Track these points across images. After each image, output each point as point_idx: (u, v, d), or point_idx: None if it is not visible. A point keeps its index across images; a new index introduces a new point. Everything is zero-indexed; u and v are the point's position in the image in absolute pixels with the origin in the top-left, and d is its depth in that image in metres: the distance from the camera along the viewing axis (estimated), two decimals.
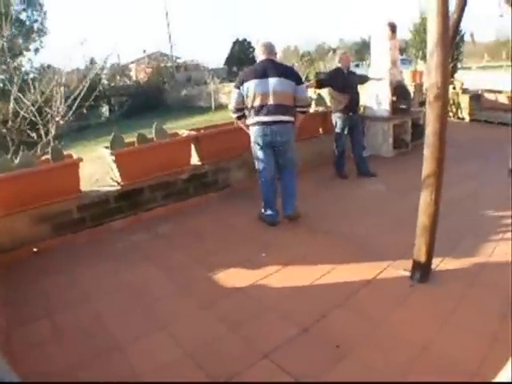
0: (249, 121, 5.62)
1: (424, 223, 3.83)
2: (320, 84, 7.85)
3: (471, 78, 18.17)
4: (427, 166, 3.74)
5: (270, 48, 5.60)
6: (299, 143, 7.52)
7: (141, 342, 3.35)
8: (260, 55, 5.67)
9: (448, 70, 3.57)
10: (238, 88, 5.52)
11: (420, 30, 21.40)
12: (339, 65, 7.65)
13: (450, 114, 14.60)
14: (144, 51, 43.80)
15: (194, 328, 3.50)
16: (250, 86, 5.38)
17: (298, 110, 5.64)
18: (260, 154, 5.58)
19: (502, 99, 12.57)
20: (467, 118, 14.19)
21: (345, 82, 7.49)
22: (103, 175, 6.51)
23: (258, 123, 5.45)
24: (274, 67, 5.46)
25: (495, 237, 4.88)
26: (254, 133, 5.54)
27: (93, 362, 3.13)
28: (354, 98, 7.59)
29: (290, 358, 3.00)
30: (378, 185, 7.10)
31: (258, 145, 5.54)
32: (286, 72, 5.51)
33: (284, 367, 2.90)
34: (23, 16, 36.38)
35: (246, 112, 5.64)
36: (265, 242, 5.13)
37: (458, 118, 14.46)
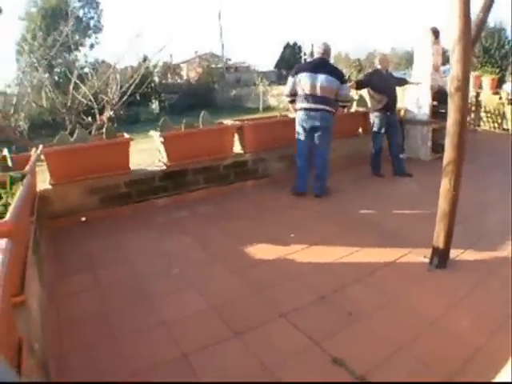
0: (297, 106, 6.62)
1: (443, 209, 4.04)
2: (359, 84, 8.11)
3: None
4: (448, 154, 3.98)
5: (325, 49, 6.59)
6: (340, 141, 7.82)
7: (171, 296, 3.74)
8: (316, 53, 6.72)
9: (469, 64, 3.79)
10: (293, 77, 6.60)
11: None
12: (378, 66, 7.92)
13: (496, 124, 14.52)
14: (196, 52, 44.61)
15: (221, 288, 3.87)
16: (303, 77, 6.46)
17: (340, 104, 6.73)
18: (301, 133, 6.63)
19: None
20: None
21: (383, 83, 7.73)
22: (149, 165, 6.93)
23: (303, 109, 6.51)
24: (324, 65, 6.53)
25: None
26: (299, 116, 6.60)
27: (124, 310, 3.54)
28: (392, 98, 7.80)
29: (304, 319, 3.30)
30: (412, 184, 7.29)
31: (302, 126, 6.58)
32: (334, 71, 6.55)
33: (297, 326, 3.21)
34: (80, 13, 37.84)
35: (297, 98, 6.63)
36: (296, 224, 5.48)
37: (503, 129, 14.32)
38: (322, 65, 6.51)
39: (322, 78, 6.38)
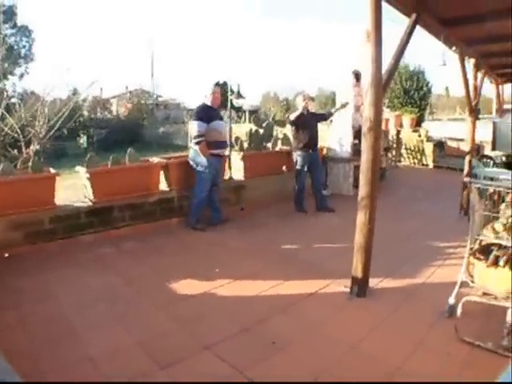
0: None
1: (360, 241, 4.32)
2: (293, 122, 8.28)
3: (439, 127, 19.15)
4: (362, 190, 4.25)
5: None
6: (265, 178, 8.13)
7: (98, 332, 3.73)
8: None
9: (380, 107, 4.15)
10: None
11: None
12: (300, 108, 8.22)
13: (416, 160, 15.38)
14: (126, 87, 44.30)
15: (147, 323, 3.90)
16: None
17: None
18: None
19: (463, 147, 13.31)
20: (431, 165, 14.96)
21: (305, 122, 8.07)
22: (76, 200, 6.85)
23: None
24: None
25: (436, 263, 5.46)
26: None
27: (50, 347, 3.49)
28: (314, 137, 8.17)
29: (228, 350, 3.40)
30: (334, 218, 7.64)
31: None
32: None
33: (222, 357, 3.30)
34: (12, 40, 36.76)
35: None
36: (220, 260, 5.60)
37: (423, 164, 15.21)
38: None
39: None
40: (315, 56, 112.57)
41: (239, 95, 8.72)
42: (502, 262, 3.85)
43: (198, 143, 6.73)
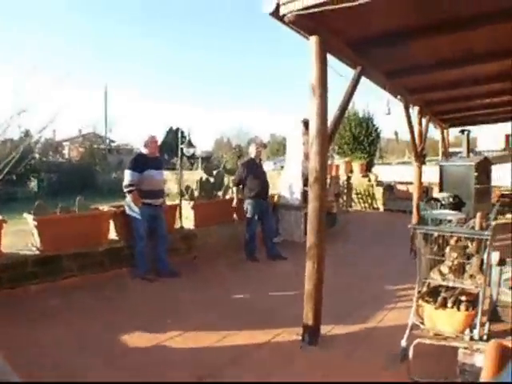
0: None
1: (309, 290, 4.37)
2: (239, 183, 8.42)
3: (389, 171, 19.70)
4: (309, 239, 4.34)
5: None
6: (216, 227, 8.12)
7: None
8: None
9: (326, 157, 4.29)
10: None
11: (341, 127, 23.08)
12: (252, 155, 8.44)
13: (367, 204, 15.73)
14: (79, 131, 43.90)
15: (95, 379, 3.76)
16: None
17: None
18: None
19: (412, 189, 13.70)
20: (381, 208, 15.34)
21: (255, 171, 8.22)
22: (23, 248, 6.66)
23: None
24: None
25: (388, 306, 5.56)
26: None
27: None
28: (264, 185, 8.31)
29: None
30: (286, 266, 7.66)
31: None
32: None
33: None
34: None
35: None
36: (172, 311, 5.49)
37: (374, 208, 15.58)
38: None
39: None
40: (269, 100, 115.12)
41: (190, 144, 8.82)
42: (449, 304, 3.96)
43: (129, 192, 6.72)
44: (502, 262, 3.86)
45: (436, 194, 10.78)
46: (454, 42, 5.47)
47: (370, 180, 16.13)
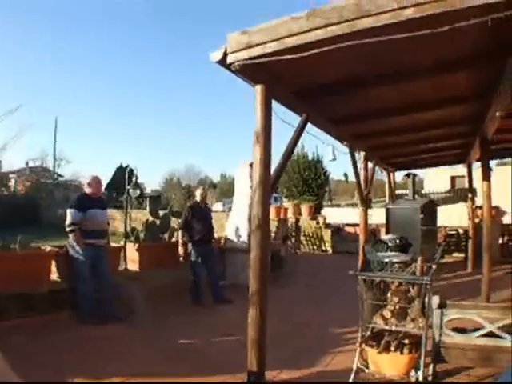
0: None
1: (253, 337, 4.35)
2: (184, 227, 8.37)
3: (338, 213, 20.01)
4: (252, 286, 4.34)
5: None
6: (160, 270, 8.06)
7: None
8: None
9: (268, 205, 4.43)
10: None
11: (289, 170, 23.50)
12: (198, 199, 8.47)
13: (315, 246, 15.88)
14: (27, 163, 42.86)
15: None
16: None
17: None
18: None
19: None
20: (330, 250, 15.51)
21: (200, 215, 8.24)
22: None
23: None
24: None
25: (334, 350, 5.55)
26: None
27: None
28: (209, 229, 8.36)
29: None
30: (232, 310, 7.50)
31: None
32: None
33: None
34: None
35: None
36: (114, 356, 5.31)
37: (322, 250, 15.74)
38: None
39: None
40: (219, 141, 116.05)
41: (136, 185, 8.74)
42: (393, 347, 4.03)
43: (71, 232, 6.59)
44: (442, 305, 3.96)
45: (383, 235, 11.02)
46: (397, 92, 5.75)
47: (318, 222, 16.36)
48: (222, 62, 4.09)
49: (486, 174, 8.29)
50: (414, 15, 3.27)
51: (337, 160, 8.04)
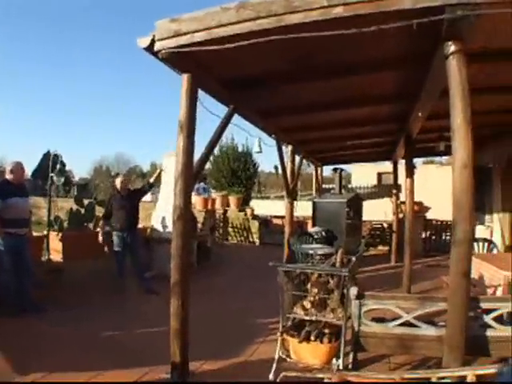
0: None
1: (175, 327, 4.33)
2: (107, 216, 8.27)
3: (267, 205, 20.19)
4: (173, 276, 4.34)
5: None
6: (81, 262, 7.78)
7: None
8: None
9: (190, 195, 4.45)
10: None
11: (218, 161, 23.54)
12: (118, 188, 8.34)
13: (243, 238, 16.00)
14: None
15: None
16: None
17: None
18: None
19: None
20: (257, 242, 15.66)
21: (121, 203, 8.09)
22: None
23: None
24: None
25: (259, 339, 5.61)
26: None
27: None
28: (131, 217, 8.19)
29: None
30: (158, 301, 7.27)
31: None
32: None
33: None
34: None
35: None
36: (35, 350, 5.15)
37: (249, 241, 15.87)
38: None
39: None
40: (149, 128, 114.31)
41: (61, 172, 8.43)
42: (313, 337, 4.12)
43: None
44: (360, 296, 4.09)
45: (310, 228, 11.25)
46: (325, 88, 5.85)
47: (246, 214, 16.46)
48: (150, 48, 4.01)
49: (410, 172, 8.63)
50: (343, 14, 3.35)
51: (263, 153, 8.11)
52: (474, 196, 3.39)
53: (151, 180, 9.12)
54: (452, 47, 3.45)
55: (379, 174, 21.45)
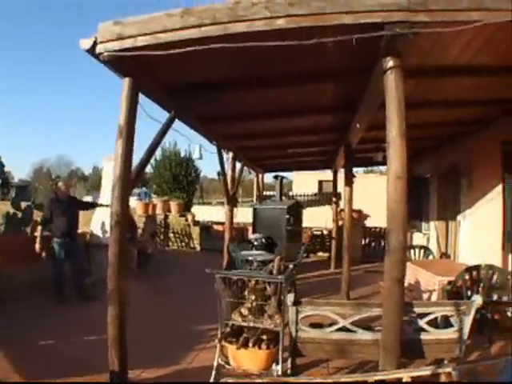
0: None
1: (113, 335, 4.24)
2: (45, 222, 7.99)
3: (209, 211, 20.13)
4: (111, 283, 4.23)
5: None
6: (19, 267, 7.52)
7: None
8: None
9: (127, 201, 4.38)
10: None
11: (160, 166, 23.35)
12: (59, 193, 8.14)
13: (183, 243, 15.93)
14: None
15: None
16: None
17: None
18: None
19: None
20: (198, 248, 15.63)
21: (61, 209, 7.86)
22: None
23: None
24: None
25: (199, 346, 5.58)
26: None
27: None
28: (71, 224, 7.97)
29: None
30: (96, 307, 7.07)
31: None
32: None
33: None
34: None
35: None
36: None
37: (191, 247, 15.82)
38: None
39: None
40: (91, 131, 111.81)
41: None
42: (251, 343, 4.16)
43: None
44: (297, 302, 4.15)
45: (250, 235, 11.33)
46: (267, 96, 5.93)
47: (187, 220, 16.38)
48: (92, 51, 3.93)
49: (349, 180, 8.83)
50: (285, 25, 3.43)
51: (206, 158, 8.13)
52: (407, 206, 3.52)
53: (99, 202, 9.11)
54: (390, 63, 3.60)
55: (320, 182, 21.84)
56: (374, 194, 15.37)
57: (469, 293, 5.63)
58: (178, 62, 4.22)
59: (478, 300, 4.02)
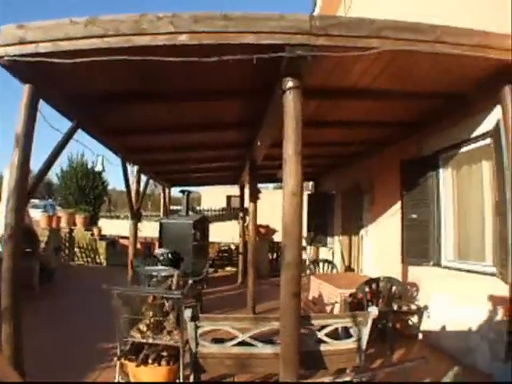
0: None
1: (8, 355, 3.90)
2: None
3: (117, 224, 19.65)
4: (4, 300, 3.88)
5: None
6: None
7: None
8: None
9: (23, 214, 4.15)
10: None
11: (66, 177, 22.59)
12: None
13: (89, 258, 15.43)
14: None
15: None
16: None
17: None
18: None
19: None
20: (105, 263, 15.21)
21: None
22: None
23: None
24: None
25: (102, 365, 5.30)
26: None
27: None
28: None
29: None
30: None
31: None
32: None
33: None
34: None
35: None
36: None
37: (97, 262, 15.35)
38: None
39: None
40: None
41: None
42: (150, 360, 4.10)
43: None
44: (195, 318, 4.12)
45: (157, 249, 11.17)
46: (170, 111, 5.90)
47: (93, 234, 15.92)
48: None
49: (254, 196, 8.94)
50: (187, 41, 3.47)
51: (115, 171, 7.96)
52: (301, 222, 3.63)
53: None
54: (290, 83, 3.72)
55: (229, 197, 21.94)
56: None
57: (370, 304, 5.85)
58: (81, 71, 4.11)
59: (374, 311, 4.16)
